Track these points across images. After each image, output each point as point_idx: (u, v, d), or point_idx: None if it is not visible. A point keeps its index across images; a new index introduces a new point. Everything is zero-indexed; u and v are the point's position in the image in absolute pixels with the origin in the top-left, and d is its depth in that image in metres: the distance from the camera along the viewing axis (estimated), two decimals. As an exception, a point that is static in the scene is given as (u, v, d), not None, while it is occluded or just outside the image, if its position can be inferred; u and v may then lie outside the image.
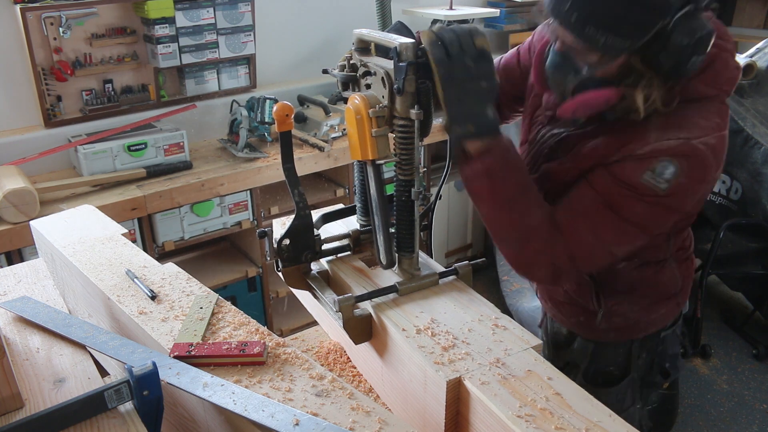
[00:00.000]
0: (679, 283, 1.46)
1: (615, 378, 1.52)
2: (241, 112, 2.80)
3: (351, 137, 1.18)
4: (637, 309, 1.45)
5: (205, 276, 2.83)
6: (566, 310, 1.52)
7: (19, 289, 1.30)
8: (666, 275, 1.43)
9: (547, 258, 1.23)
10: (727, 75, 1.22)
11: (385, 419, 0.90)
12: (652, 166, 1.14)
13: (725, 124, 1.21)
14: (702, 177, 1.18)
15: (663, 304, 1.47)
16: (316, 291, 1.25)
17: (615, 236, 1.21)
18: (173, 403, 1.09)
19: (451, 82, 1.08)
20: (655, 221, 1.21)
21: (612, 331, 1.48)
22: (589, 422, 0.89)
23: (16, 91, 2.62)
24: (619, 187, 1.18)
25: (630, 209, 1.18)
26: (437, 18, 3.36)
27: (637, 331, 1.48)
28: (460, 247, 3.89)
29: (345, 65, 1.25)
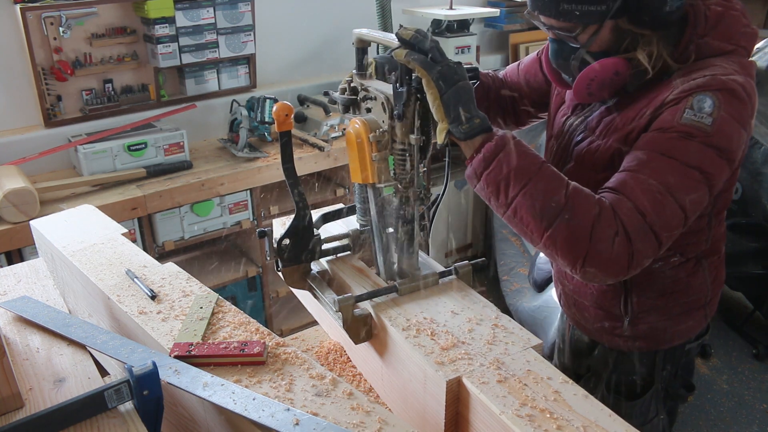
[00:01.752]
0: (709, 293, 1.42)
1: (638, 388, 1.48)
2: (241, 112, 2.80)
3: (351, 161, 1.20)
4: (665, 318, 1.41)
5: (205, 276, 2.83)
6: (591, 315, 1.46)
7: (19, 289, 1.30)
8: (698, 279, 1.39)
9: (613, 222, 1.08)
10: (740, 29, 1.22)
11: (385, 419, 0.90)
12: (689, 103, 1.12)
13: (751, 76, 1.19)
14: (739, 114, 1.13)
15: (691, 314, 1.43)
16: (316, 291, 1.25)
17: (680, 181, 1.11)
18: (173, 402, 1.09)
19: (446, 81, 1.07)
20: (712, 165, 1.13)
21: (637, 340, 1.44)
22: (588, 422, 0.89)
23: (16, 91, 2.62)
24: (667, 134, 1.13)
25: (686, 151, 1.12)
26: (437, 17, 3.36)
27: (663, 342, 1.44)
28: (460, 247, 3.90)
29: (346, 88, 1.27)
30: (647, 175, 1.11)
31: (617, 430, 0.88)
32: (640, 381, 1.48)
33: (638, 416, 1.49)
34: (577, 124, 1.35)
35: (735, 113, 1.13)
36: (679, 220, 1.12)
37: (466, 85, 1.09)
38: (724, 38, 1.21)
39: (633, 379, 1.48)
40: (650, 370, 1.47)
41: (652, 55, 1.19)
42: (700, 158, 1.12)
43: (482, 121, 1.10)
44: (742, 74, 1.17)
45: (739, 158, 1.19)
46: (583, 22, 1.18)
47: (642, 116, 1.20)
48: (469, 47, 3.45)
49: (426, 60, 1.07)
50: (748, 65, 1.21)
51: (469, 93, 1.09)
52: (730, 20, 1.21)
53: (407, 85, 1.11)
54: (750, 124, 1.17)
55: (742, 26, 1.23)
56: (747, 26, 1.24)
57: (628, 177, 1.13)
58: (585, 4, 1.15)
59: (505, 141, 1.10)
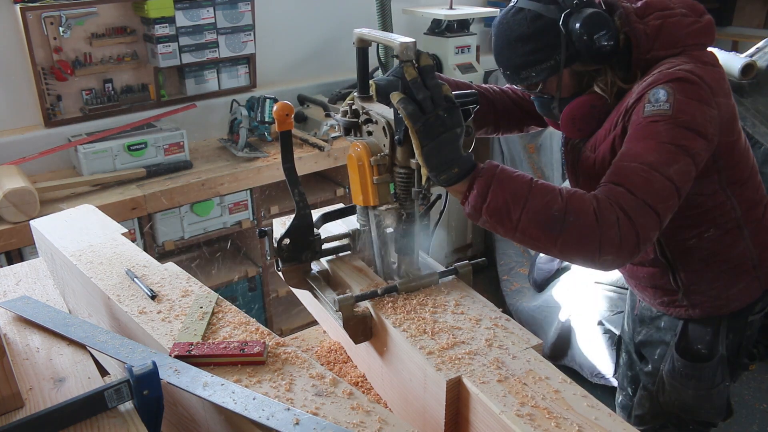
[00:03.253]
0: (755, 256, 1.48)
1: (703, 356, 1.56)
2: (241, 112, 2.80)
3: (353, 183, 1.22)
4: (716, 284, 1.49)
5: (205, 276, 2.83)
6: (650, 293, 1.60)
7: (19, 289, 1.30)
8: (739, 247, 1.46)
9: (611, 209, 1.14)
10: (683, 31, 1.33)
11: (385, 419, 0.90)
12: (646, 99, 1.25)
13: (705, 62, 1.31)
14: (696, 95, 1.24)
15: (741, 278, 1.49)
16: (316, 290, 1.25)
17: (659, 157, 1.20)
18: (173, 402, 1.09)
19: (428, 135, 1.10)
20: (683, 138, 1.22)
21: (696, 308, 1.53)
22: (588, 421, 0.89)
23: (16, 91, 2.62)
24: (637, 129, 1.26)
25: (655, 131, 1.22)
26: (437, 17, 3.36)
27: (721, 307, 1.52)
28: (460, 247, 3.90)
29: (347, 111, 1.29)
30: (629, 161, 1.22)
31: (617, 430, 0.88)
32: (704, 349, 1.56)
33: (706, 380, 1.56)
34: (578, 142, 1.50)
35: (690, 94, 1.24)
36: (671, 191, 1.20)
37: (450, 137, 1.12)
38: (669, 46, 1.33)
39: (698, 347, 1.56)
40: (713, 338, 1.55)
41: (608, 83, 1.38)
42: (671, 135, 1.22)
43: (461, 168, 1.15)
44: (690, 63, 1.28)
45: (713, 132, 1.26)
46: (542, 78, 1.37)
47: (616, 125, 1.33)
48: (469, 47, 3.45)
49: (414, 110, 1.10)
50: (699, 55, 1.33)
51: (451, 144, 1.12)
52: (670, 28, 1.33)
53: None
54: (715, 102, 1.27)
55: (684, 27, 1.34)
56: (691, 24, 1.34)
57: (614, 168, 1.23)
58: (536, 65, 1.35)
59: (493, 172, 1.16)
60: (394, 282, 1.20)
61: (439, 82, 1.13)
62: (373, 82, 1.32)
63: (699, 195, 1.38)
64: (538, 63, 1.35)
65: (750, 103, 2.93)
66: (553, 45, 1.32)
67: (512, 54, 1.37)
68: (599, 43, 1.30)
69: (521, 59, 1.36)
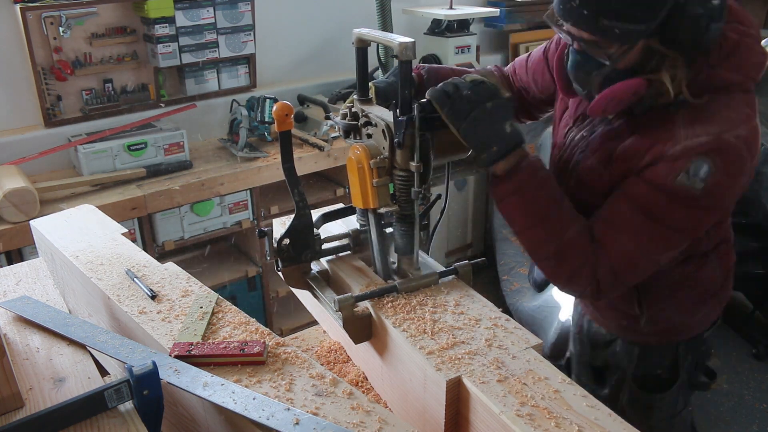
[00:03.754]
0: (720, 280, 1.44)
1: (664, 382, 1.50)
2: (241, 112, 2.80)
3: (352, 185, 1.22)
4: (681, 311, 1.43)
5: (205, 276, 2.83)
6: (608, 315, 1.50)
7: (19, 289, 1.30)
8: (707, 271, 1.40)
9: (588, 272, 1.21)
10: (753, 60, 1.19)
11: (385, 419, 0.90)
12: (686, 167, 1.13)
13: (755, 113, 1.19)
14: (738, 171, 1.15)
15: (706, 303, 1.45)
16: (316, 290, 1.25)
17: (658, 245, 1.20)
18: (173, 402, 1.09)
19: (458, 116, 1.14)
20: (696, 223, 1.19)
21: (656, 335, 1.46)
22: (588, 421, 0.89)
23: (16, 91, 2.62)
24: (655, 193, 1.16)
25: (670, 216, 1.16)
26: (437, 17, 3.36)
27: (682, 333, 1.47)
28: (460, 247, 3.89)
29: (347, 113, 1.29)
30: (628, 238, 1.19)
31: (617, 430, 0.88)
32: (665, 374, 1.50)
33: (667, 409, 1.52)
34: (579, 139, 1.35)
35: (733, 172, 1.15)
36: (653, 269, 1.25)
37: (480, 113, 1.14)
38: (736, 69, 1.17)
39: (658, 372, 1.50)
40: (674, 362, 1.49)
41: (675, 78, 1.15)
42: (685, 222, 1.18)
43: (500, 145, 1.17)
44: (747, 122, 1.15)
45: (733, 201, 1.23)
46: (621, 40, 1.13)
47: (641, 158, 1.19)
48: (469, 47, 3.45)
49: (440, 95, 1.15)
50: (753, 101, 1.20)
51: (485, 120, 1.14)
52: (745, 50, 1.18)
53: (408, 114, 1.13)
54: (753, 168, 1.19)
55: (756, 56, 1.19)
56: (760, 54, 1.20)
57: (612, 236, 1.21)
58: (626, 21, 1.09)
59: (526, 181, 1.19)
60: (394, 282, 1.20)
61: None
62: (373, 84, 1.32)
63: None
64: (631, 20, 1.09)
65: (750, 103, 2.92)
66: (658, 9, 1.08)
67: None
68: (712, 35, 1.11)
69: (617, 7, 1.09)
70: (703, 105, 1.16)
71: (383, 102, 1.29)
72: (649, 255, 1.21)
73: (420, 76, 1.43)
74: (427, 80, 1.42)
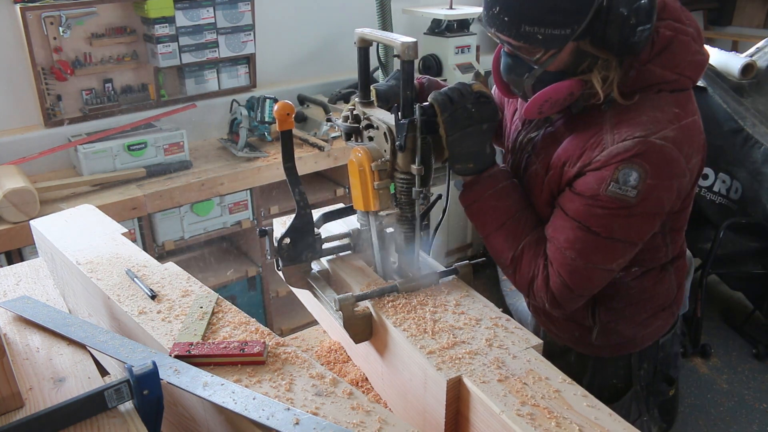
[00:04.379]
0: (674, 293, 1.43)
1: (620, 390, 1.50)
2: (241, 112, 2.80)
3: (354, 188, 1.23)
4: (633, 325, 1.41)
5: (205, 276, 2.83)
6: (560, 326, 1.47)
7: (19, 289, 1.30)
8: (664, 285, 1.39)
9: (541, 283, 1.24)
10: (687, 58, 1.17)
11: (385, 418, 0.90)
12: (614, 175, 1.12)
13: (688, 112, 1.17)
14: (670, 173, 1.14)
15: (658, 316, 1.43)
16: (316, 290, 1.25)
17: (605, 256, 1.19)
18: (173, 402, 1.09)
19: (454, 125, 1.17)
20: (638, 231, 1.19)
21: (608, 347, 1.45)
22: (588, 420, 0.89)
23: (16, 91, 2.62)
24: (591, 207, 1.15)
25: (611, 228, 1.16)
26: (437, 17, 3.36)
27: (634, 345, 1.46)
28: (460, 247, 3.89)
29: (348, 116, 1.30)
30: (575, 254, 1.19)
31: (617, 430, 0.88)
32: (620, 383, 1.50)
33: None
34: (526, 142, 1.34)
35: (664, 174, 1.13)
36: (608, 277, 1.25)
37: (475, 131, 1.18)
38: (668, 66, 1.16)
39: (613, 382, 1.50)
40: (627, 372, 1.49)
41: (607, 80, 1.15)
42: (626, 231, 1.17)
43: (476, 166, 1.23)
44: (676, 122, 1.14)
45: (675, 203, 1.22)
46: (546, 45, 1.12)
47: (573, 164, 1.19)
48: (469, 47, 3.45)
49: (444, 100, 1.17)
50: (686, 100, 1.18)
51: (475, 138, 1.19)
52: (678, 47, 1.16)
53: (409, 117, 1.14)
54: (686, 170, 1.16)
55: (690, 54, 1.18)
56: (696, 53, 1.18)
57: (559, 254, 1.21)
58: (549, 27, 1.09)
59: (482, 194, 1.25)
60: (394, 282, 1.20)
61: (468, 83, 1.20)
62: (374, 87, 1.32)
63: None
64: (553, 26, 1.09)
65: (750, 103, 2.93)
66: (582, 13, 1.08)
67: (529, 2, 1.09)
68: (640, 36, 1.09)
69: (537, 13, 1.08)
70: (630, 105, 1.16)
71: (384, 105, 1.30)
72: (599, 266, 1.20)
73: (421, 85, 1.44)
74: (427, 88, 1.43)
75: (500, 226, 1.26)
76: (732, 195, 2.99)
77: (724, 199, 3.03)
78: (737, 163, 2.90)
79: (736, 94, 2.91)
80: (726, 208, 3.02)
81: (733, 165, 2.92)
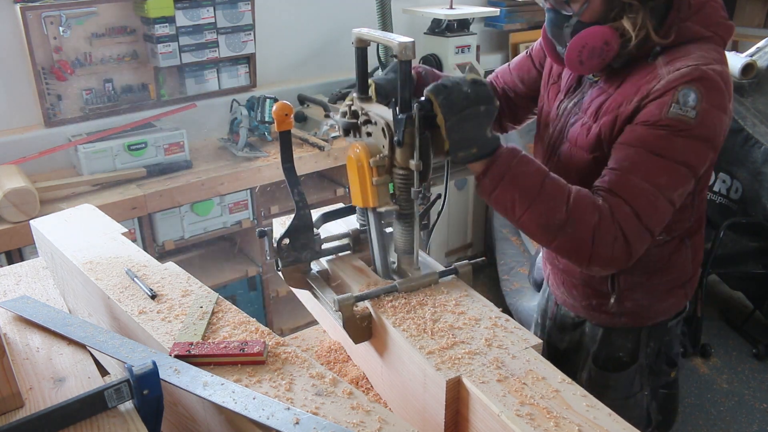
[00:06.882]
0: (690, 270, 1.49)
1: (624, 364, 1.54)
2: (241, 112, 2.80)
3: (352, 184, 1.22)
4: (649, 295, 1.47)
5: (205, 275, 2.83)
6: (579, 293, 1.53)
7: (19, 289, 1.30)
8: (681, 257, 1.45)
9: (608, 225, 1.18)
10: (718, 19, 1.29)
11: (384, 418, 0.90)
12: (675, 97, 1.18)
13: (726, 63, 1.26)
14: (720, 102, 1.21)
15: (673, 292, 1.49)
16: (316, 290, 1.25)
17: (669, 179, 1.20)
18: (173, 402, 1.09)
19: (451, 109, 1.14)
20: (697, 155, 1.21)
21: (623, 316, 1.50)
22: (588, 420, 0.89)
23: (16, 91, 2.62)
24: (654, 130, 1.20)
25: (673, 148, 1.19)
26: (437, 17, 3.36)
27: (647, 318, 1.51)
28: (460, 247, 3.89)
29: (346, 111, 1.29)
30: (641, 177, 1.19)
31: (616, 430, 0.88)
32: (626, 357, 1.54)
33: (622, 389, 1.55)
34: (571, 107, 1.40)
35: (716, 102, 1.20)
36: (670, 213, 1.23)
37: (472, 113, 1.15)
38: (704, 24, 1.27)
39: (619, 355, 1.54)
40: (635, 346, 1.53)
41: (637, 25, 1.23)
42: (687, 153, 1.20)
43: (480, 149, 1.18)
44: (720, 63, 1.23)
45: (722, 142, 1.26)
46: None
47: (629, 102, 1.25)
48: (469, 47, 3.45)
49: (437, 85, 1.15)
50: (723, 54, 1.27)
51: (474, 121, 1.16)
52: (710, 9, 1.28)
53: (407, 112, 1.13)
54: (729, 108, 1.24)
55: (720, 16, 1.29)
56: (725, 18, 1.30)
57: (623, 179, 1.20)
58: None
59: (509, 164, 1.18)
60: (394, 282, 1.20)
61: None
62: (373, 81, 1.32)
63: None
64: None
65: (750, 102, 2.93)
66: None
67: None
68: None
69: None
70: (679, 49, 1.25)
71: (383, 99, 1.29)
72: (663, 192, 1.20)
73: (419, 74, 1.45)
74: (425, 77, 1.43)
75: (540, 189, 1.18)
76: (732, 195, 2.99)
77: (725, 198, 3.03)
78: (737, 162, 2.90)
79: (737, 94, 2.91)
80: (726, 207, 3.02)
81: (733, 165, 2.92)
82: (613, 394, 1.54)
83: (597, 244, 1.17)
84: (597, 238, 1.17)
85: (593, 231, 1.17)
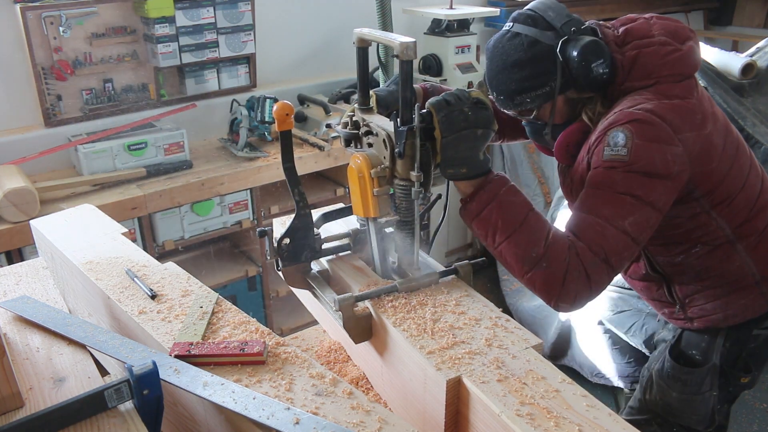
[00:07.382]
0: (755, 271, 1.46)
1: (695, 363, 1.58)
2: (241, 112, 2.80)
3: (353, 194, 1.23)
4: (713, 299, 1.49)
5: (205, 275, 2.83)
6: (655, 305, 1.64)
7: (19, 289, 1.30)
8: (734, 263, 1.44)
9: (575, 261, 1.21)
10: (660, 62, 1.34)
11: (384, 418, 0.90)
12: (605, 141, 1.27)
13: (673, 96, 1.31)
14: (655, 135, 1.25)
15: (742, 293, 1.48)
16: (316, 290, 1.25)
17: (614, 210, 1.24)
18: (173, 402, 1.09)
19: (449, 127, 1.16)
20: (642, 187, 1.25)
21: (694, 321, 1.54)
22: (588, 420, 0.89)
23: (16, 91, 2.62)
24: (595, 171, 1.29)
25: (612, 181, 1.25)
26: (437, 17, 3.36)
27: (720, 320, 1.52)
28: (460, 247, 3.90)
29: (348, 122, 1.30)
30: (586, 212, 1.26)
31: (616, 430, 0.88)
32: (699, 355, 1.56)
33: (692, 385, 1.57)
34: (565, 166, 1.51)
35: (649, 136, 1.25)
36: (625, 242, 1.25)
37: (470, 134, 1.17)
38: (642, 77, 1.34)
39: (692, 352, 1.58)
40: (709, 347, 1.55)
41: (594, 112, 1.39)
42: (627, 185, 1.25)
43: (470, 171, 1.21)
44: (653, 100, 1.29)
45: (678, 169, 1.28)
46: (537, 105, 1.38)
47: (582, 162, 1.36)
48: (469, 47, 3.45)
49: (440, 101, 1.16)
50: (668, 89, 1.32)
51: (470, 142, 1.18)
52: (644, 59, 1.34)
53: (409, 121, 1.14)
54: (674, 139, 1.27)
55: (662, 56, 1.34)
56: (670, 52, 1.34)
57: (576, 217, 1.27)
58: (531, 91, 1.36)
59: (498, 192, 1.22)
60: (394, 282, 1.20)
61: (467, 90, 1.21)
62: (373, 93, 1.32)
63: (677, 218, 1.39)
64: (533, 89, 1.36)
65: (750, 103, 2.93)
66: (549, 71, 1.33)
67: (508, 79, 1.37)
68: (596, 71, 1.31)
69: (517, 85, 1.36)
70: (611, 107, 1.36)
71: (384, 110, 1.30)
72: (611, 222, 1.23)
73: (425, 90, 1.48)
74: (431, 93, 1.46)
75: (523, 221, 1.22)
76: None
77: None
78: (737, 163, 2.89)
79: (737, 94, 2.90)
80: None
81: (733, 165, 2.91)
82: (682, 388, 1.58)
83: (566, 283, 1.21)
84: (568, 277, 1.21)
85: (565, 269, 1.21)
